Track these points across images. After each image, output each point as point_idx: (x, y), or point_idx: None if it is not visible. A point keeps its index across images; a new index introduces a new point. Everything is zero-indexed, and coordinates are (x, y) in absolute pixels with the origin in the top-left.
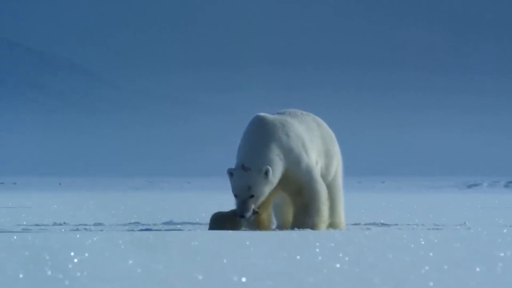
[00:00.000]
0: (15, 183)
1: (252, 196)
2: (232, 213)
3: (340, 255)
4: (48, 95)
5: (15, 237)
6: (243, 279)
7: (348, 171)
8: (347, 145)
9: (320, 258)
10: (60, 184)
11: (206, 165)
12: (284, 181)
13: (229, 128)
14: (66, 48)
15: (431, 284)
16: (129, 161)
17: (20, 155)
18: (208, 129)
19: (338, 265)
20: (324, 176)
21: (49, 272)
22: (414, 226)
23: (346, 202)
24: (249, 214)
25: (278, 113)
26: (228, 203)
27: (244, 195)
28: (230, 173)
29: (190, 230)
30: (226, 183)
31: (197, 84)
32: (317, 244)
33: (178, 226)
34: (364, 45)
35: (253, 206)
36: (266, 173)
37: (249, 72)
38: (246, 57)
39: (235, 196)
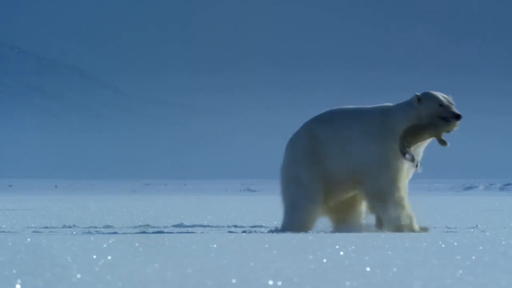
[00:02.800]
0: (11, 186)
1: None
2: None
3: (367, 258)
4: (46, 97)
5: (28, 240)
6: (279, 283)
7: None
8: None
9: (347, 261)
10: (56, 186)
11: (203, 167)
12: None
13: (226, 129)
14: (64, 50)
15: None
16: (125, 163)
17: (16, 157)
18: (205, 131)
19: (368, 269)
20: None
21: (79, 275)
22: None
23: None
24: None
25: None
26: (231, 204)
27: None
28: (418, 98)
29: (202, 232)
30: (225, 185)
31: (194, 86)
32: (337, 247)
33: (189, 228)
34: (364, 45)
35: None
36: None
37: (249, 72)
38: (246, 57)
39: (440, 106)
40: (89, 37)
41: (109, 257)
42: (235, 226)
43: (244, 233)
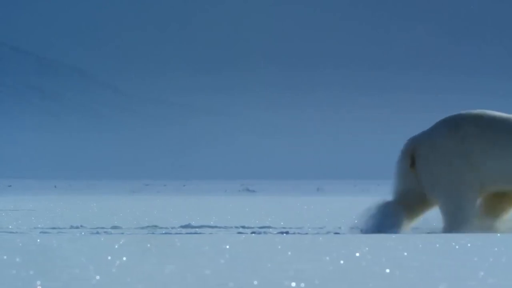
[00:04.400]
0: (10, 186)
1: None
2: None
3: (383, 259)
4: (46, 97)
5: (38, 240)
6: (302, 285)
7: (344, 174)
8: (344, 147)
9: (364, 263)
10: (55, 187)
11: (202, 168)
12: None
13: (226, 129)
14: (64, 50)
15: None
16: (125, 163)
17: (16, 157)
18: (205, 131)
19: (388, 270)
20: None
21: (97, 277)
22: (436, 229)
23: (348, 207)
24: None
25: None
26: (232, 205)
27: None
28: None
29: (211, 233)
30: (224, 185)
31: (194, 86)
32: (350, 248)
33: (197, 229)
34: (364, 45)
35: None
36: None
37: (249, 72)
38: (246, 57)
39: None
40: (89, 37)
41: (124, 258)
42: (243, 227)
43: (253, 234)
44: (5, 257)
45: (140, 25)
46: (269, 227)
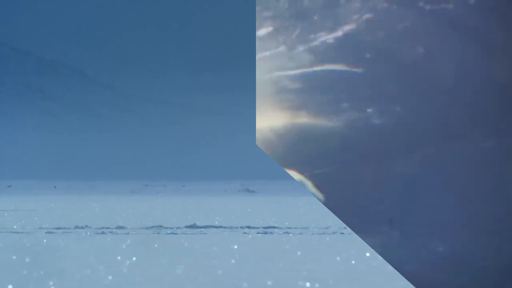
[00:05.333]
0: (10, 186)
1: None
2: None
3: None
4: (46, 97)
5: (45, 241)
6: (316, 285)
7: None
8: None
9: (375, 263)
10: (55, 187)
11: (202, 168)
12: None
13: (226, 129)
14: (64, 50)
15: None
16: (125, 164)
17: (16, 157)
18: (205, 131)
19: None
20: None
21: (110, 277)
22: None
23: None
24: None
25: None
26: (233, 205)
27: None
28: None
29: (215, 233)
30: (223, 185)
31: (194, 86)
32: (358, 248)
33: (202, 229)
34: None
35: None
36: None
37: (248, 72)
38: (246, 57)
39: None
40: (89, 37)
41: (134, 258)
42: (249, 227)
43: (259, 234)
44: (14, 257)
45: (140, 25)
46: (274, 227)
